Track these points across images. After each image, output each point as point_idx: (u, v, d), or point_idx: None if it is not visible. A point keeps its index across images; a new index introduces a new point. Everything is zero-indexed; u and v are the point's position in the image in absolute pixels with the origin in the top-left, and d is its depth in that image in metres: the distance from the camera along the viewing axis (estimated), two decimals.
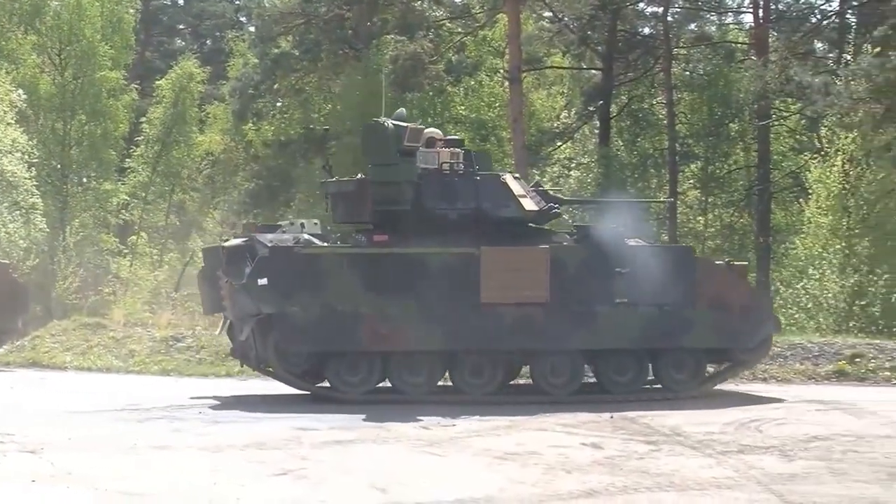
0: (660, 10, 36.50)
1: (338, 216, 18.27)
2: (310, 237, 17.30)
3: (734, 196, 36.13)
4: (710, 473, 11.73)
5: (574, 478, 11.49)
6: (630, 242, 17.64)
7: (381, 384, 17.39)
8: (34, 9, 36.96)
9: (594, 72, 38.31)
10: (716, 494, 10.80)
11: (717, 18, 40.41)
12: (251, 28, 43.84)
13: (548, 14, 37.50)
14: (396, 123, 17.39)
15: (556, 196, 19.24)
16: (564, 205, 19.50)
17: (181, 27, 55.92)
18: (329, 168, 18.99)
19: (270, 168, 35.29)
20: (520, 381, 18.68)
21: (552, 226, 19.42)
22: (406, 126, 17.47)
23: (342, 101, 34.90)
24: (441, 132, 18.99)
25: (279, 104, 37.10)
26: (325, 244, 17.36)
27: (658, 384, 17.83)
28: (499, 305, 16.91)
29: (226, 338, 21.02)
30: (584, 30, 35.18)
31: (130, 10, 40.06)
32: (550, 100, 41.67)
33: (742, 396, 17.89)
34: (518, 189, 17.67)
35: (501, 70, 36.71)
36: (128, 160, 39.48)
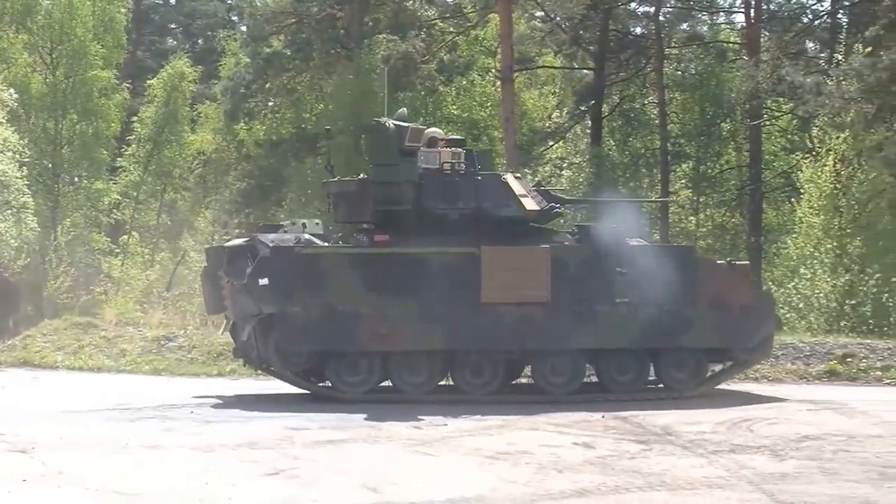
0: (651, 10, 36.58)
1: (339, 216, 18.28)
2: (311, 237, 17.29)
3: (726, 196, 36.18)
4: (702, 473, 11.74)
5: (565, 477, 11.50)
6: (631, 242, 17.64)
7: (382, 384, 17.37)
8: (25, 8, 36.77)
9: (586, 71, 38.36)
10: (707, 494, 10.81)
11: (709, 18, 40.63)
12: (243, 27, 43.74)
13: (540, 14, 37.57)
14: (398, 123, 17.39)
15: (558, 196, 19.23)
16: (566, 205, 19.49)
17: (173, 26, 55.81)
18: (331, 168, 18.98)
19: (262, 167, 35.21)
20: (521, 381, 18.66)
21: (553, 225, 19.42)
22: (407, 126, 17.48)
23: (334, 101, 34.85)
24: (443, 132, 19.01)
25: (271, 104, 37.05)
26: (326, 244, 17.36)
27: (660, 384, 17.83)
28: (499, 305, 16.89)
29: (217, 337, 21.02)
30: (576, 29, 35.22)
31: (122, 10, 39.84)
32: (542, 99, 41.74)
33: (733, 396, 17.89)
34: (519, 189, 17.66)
35: (493, 70, 36.74)
36: (119, 159, 39.40)
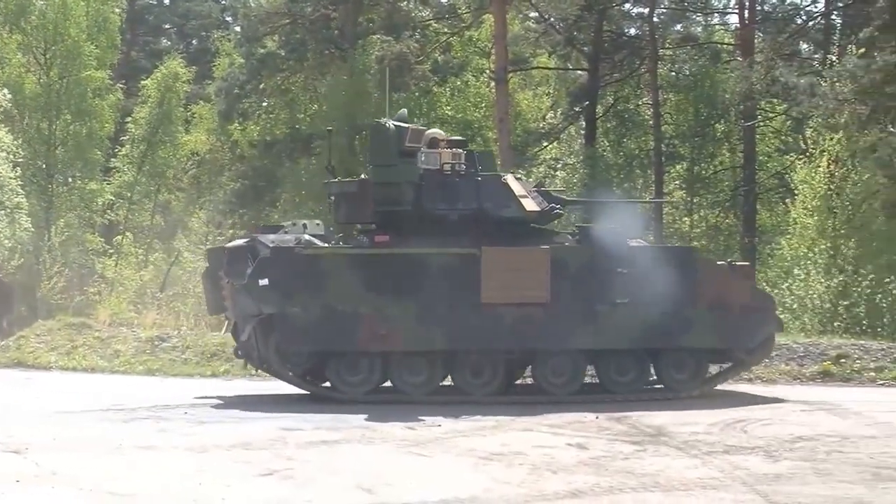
0: (646, 11, 36.66)
1: (340, 216, 18.26)
2: (311, 238, 17.28)
3: (720, 197, 36.26)
4: (696, 474, 11.74)
5: (559, 478, 11.49)
6: (632, 243, 17.64)
7: (383, 384, 17.35)
8: (19, 8, 36.68)
9: (580, 72, 38.43)
10: (701, 495, 10.80)
11: (703, 19, 40.69)
12: (237, 28, 43.71)
13: (534, 14, 37.61)
14: (398, 124, 17.39)
15: (559, 197, 19.21)
16: (567, 206, 19.52)
17: (167, 27, 55.73)
18: (332, 169, 18.97)
19: (256, 168, 35.16)
20: (522, 381, 18.67)
21: (553, 226, 19.40)
22: (408, 127, 17.48)
23: (328, 102, 34.81)
24: (444, 133, 19.01)
25: (265, 104, 36.97)
26: (327, 245, 17.36)
27: (660, 384, 17.83)
28: (499, 306, 16.86)
29: (211, 338, 21.01)
30: (570, 30, 35.28)
31: (116, 10, 39.78)
32: (536, 100, 41.76)
33: (727, 397, 17.87)
34: (519, 189, 17.64)
35: (487, 70, 36.78)
36: (113, 160, 39.33)
